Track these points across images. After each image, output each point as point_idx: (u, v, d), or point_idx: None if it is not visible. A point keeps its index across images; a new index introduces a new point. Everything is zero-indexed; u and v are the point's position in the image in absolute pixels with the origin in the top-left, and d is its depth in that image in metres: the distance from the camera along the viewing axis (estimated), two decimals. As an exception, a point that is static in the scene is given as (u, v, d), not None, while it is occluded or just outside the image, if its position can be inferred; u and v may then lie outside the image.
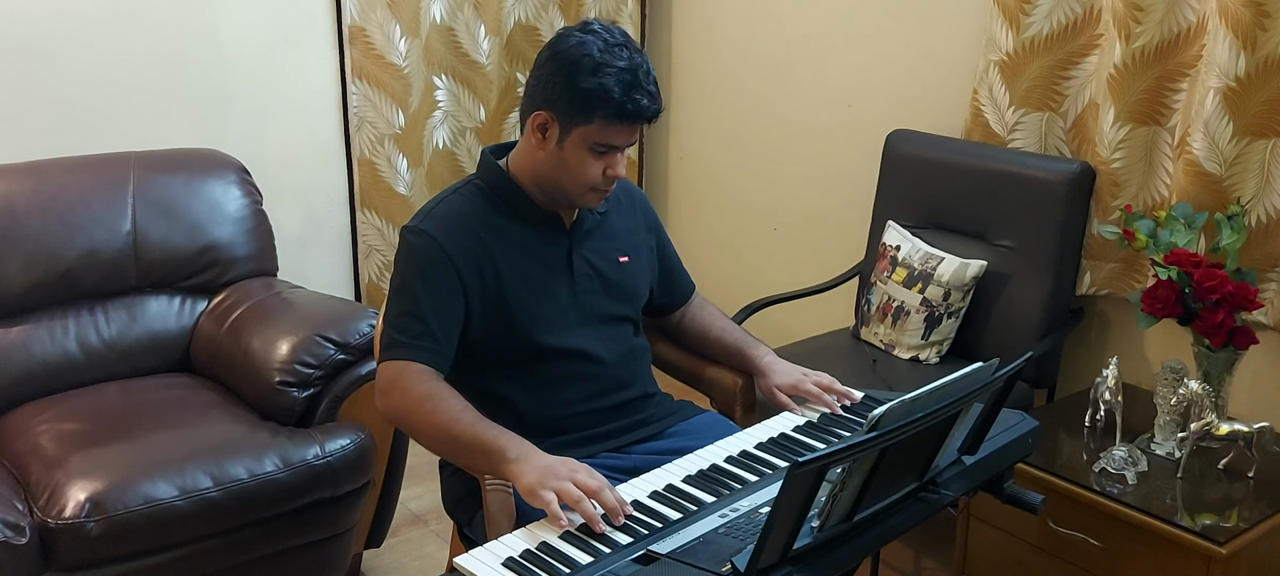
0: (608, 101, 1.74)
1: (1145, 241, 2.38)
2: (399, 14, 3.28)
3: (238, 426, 2.39)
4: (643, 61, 1.79)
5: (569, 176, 1.82)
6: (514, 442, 1.67)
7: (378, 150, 3.35)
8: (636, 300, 2.03)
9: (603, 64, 1.74)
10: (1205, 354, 2.30)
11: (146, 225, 2.70)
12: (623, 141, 1.80)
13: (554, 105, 1.78)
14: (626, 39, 1.80)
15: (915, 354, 2.76)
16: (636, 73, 1.76)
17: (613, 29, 1.80)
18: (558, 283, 1.89)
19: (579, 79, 1.75)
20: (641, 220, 2.07)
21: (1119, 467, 2.25)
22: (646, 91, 1.77)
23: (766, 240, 3.65)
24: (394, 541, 2.88)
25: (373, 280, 3.47)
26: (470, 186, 1.91)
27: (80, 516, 2.09)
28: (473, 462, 1.73)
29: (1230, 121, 2.37)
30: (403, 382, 1.76)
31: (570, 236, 1.92)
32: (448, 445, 1.74)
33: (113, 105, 2.96)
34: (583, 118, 1.77)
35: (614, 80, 1.74)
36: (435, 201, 1.89)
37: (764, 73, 3.53)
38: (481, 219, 1.86)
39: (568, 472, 1.58)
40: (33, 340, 2.55)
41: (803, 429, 1.88)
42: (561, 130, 1.79)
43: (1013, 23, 2.71)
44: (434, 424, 1.73)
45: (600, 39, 1.77)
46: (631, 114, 1.76)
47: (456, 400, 1.75)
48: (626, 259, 2.00)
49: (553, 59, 1.79)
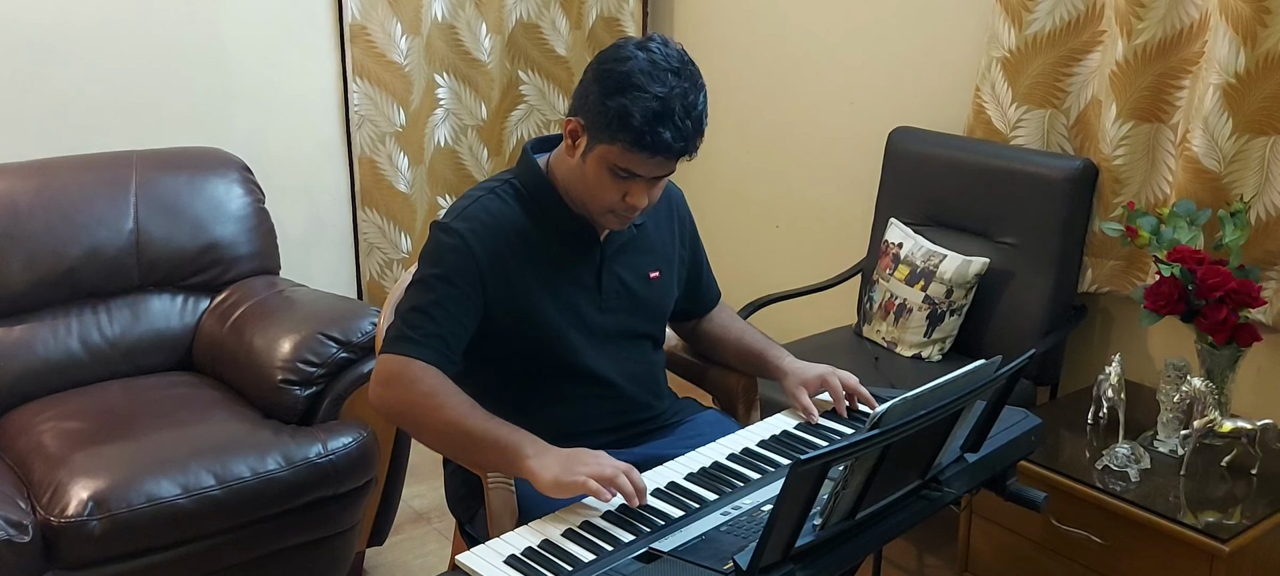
0: (627, 127, 1.65)
1: (1148, 238, 2.37)
2: (400, 12, 3.28)
3: (240, 425, 2.39)
4: (685, 94, 1.66)
5: (588, 193, 1.75)
6: (529, 439, 1.65)
7: (379, 148, 3.35)
8: (662, 317, 1.98)
9: (636, 85, 1.64)
10: (1208, 351, 2.30)
11: (149, 224, 2.70)
12: (645, 171, 1.69)
13: (585, 115, 1.71)
14: (682, 66, 1.68)
15: (917, 351, 2.76)
16: (671, 103, 1.64)
17: (672, 51, 1.69)
18: (585, 300, 1.84)
19: (608, 95, 1.66)
20: (678, 229, 1.99)
21: (1122, 465, 2.25)
22: (675, 125, 1.65)
23: (769, 237, 3.65)
24: (396, 539, 2.88)
25: (374, 278, 3.47)
26: (507, 186, 1.83)
27: (83, 515, 2.09)
28: (485, 459, 1.70)
29: (1229, 118, 2.36)
30: (406, 377, 1.71)
31: (603, 249, 1.85)
32: (457, 441, 1.70)
33: (115, 104, 2.97)
34: (606, 136, 1.68)
35: (640, 105, 1.64)
36: (470, 199, 1.81)
37: (766, 70, 3.53)
38: (514, 225, 1.79)
39: (592, 459, 1.59)
40: (36, 338, 2.56)
41: (805, 427, 1.87)
42: (588, 143, 1.71)
43: (1015, 20, 2.71)
44: (442, 419, 1.68)
45: (648, 59, 1.66)
46: (650, 145, 1.65)
47: (463, 397, 1.71)
48: (658, 274, 1.93)
49: (595, 66, 1.71)
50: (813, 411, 1.89)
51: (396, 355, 1.73)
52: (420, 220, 3.50)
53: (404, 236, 3.46)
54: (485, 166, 3.61)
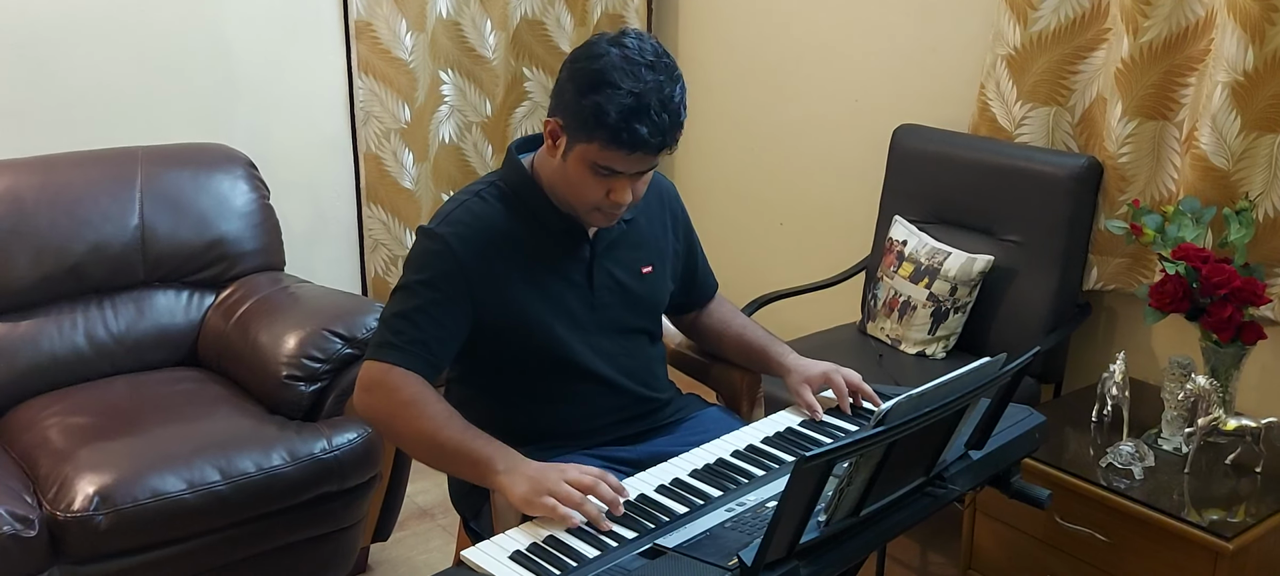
0: (603, 124, 1.63)
1: (1153, 236, 2.37)
2: (405, 9, 3.28)
3: (245, 420, 2.40)
4: (660, 87, 1.64)
5: (572, 192, 1.74)
6: (502, 453, 1.63)
7: (383, 145, 3.35)
8: (657, 311, 1.97)
9: (610, 82, 1.62)
10: (1213, 349, 2.30)
11: (154, 219, 2.70)
12: (625, 167, 1.68)
13: (563, 114, 1.70)
14: (657, 60, 1.66)
15: (922, 349, 2.76)
16: (646, 99, 1.62)
17: (647, 46, 1.67)
18: (576, 297, 1.83)
19: (583, 93, 1.64)
20: (670, 222, 1.98)
21: (1126, 463, 2.25)
22: (651, 120, 1.63)
23: (773, 235, 3.65)
24: (401, 535, 2.88)
25: (378, 274, 3.48)
26: (493, 188, 1.82)
27: (89, 509, 2.10)
28: (459, 472, 1.69)
29: (1238, 116, 2.36)
30: (387, 384, 1.70)
31: (593, 247, 1.84)
32: (432, 452, 1.69)
33: (120, 100, 2.97)
34: (584, 134, 1.66)
35: (615, 102, 1.62)
36: (456, 203, 1.80)
37: (771, 68, 3.52)
38: (501, 227, 1.77)
39: (558, 476, 1.56)
40: (41, 334, 2.56)
41: (809, 423, 1.87)
42: (567, 142, 1.70)
43: (1020, 17, 2.71)
44: (418, 430, 1.68)
45: (622, 55, 1.64)
46: (628, 142, 1.63)
47: (442, 407, 1.69)
48: (650, 268, 1.92)
49: (570, 64, 1.69)
50: (816, 408, 1.89)
51: (378, 362, 1.72)
52: (425, 217, 3.50)
53: (408, 233, 3.46)
54: (490, 163, 3.62)
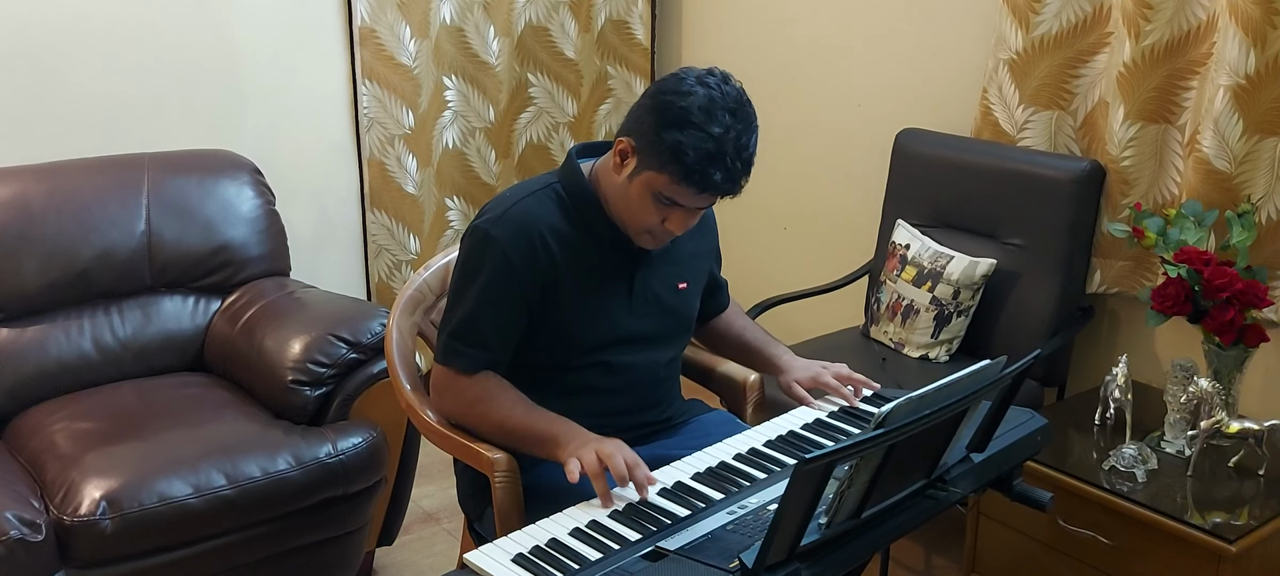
0: (680, 162, 1.68)
1: (1155, 239, 2.37)
2: (409, 15, 3.29)
3: (251, 425, 2.41)
4: (739, 135, 1.69)
5: (629, 212, 1.78)
6: (566, 429, 1.72)
7: (387, 150, 3.37)
8: (688, 326, 2.02)
9: (694, 123, 1.67)
10: (1215, 352, 2.30)
11: (161, 225, 2.72)
12: (688, 203, 1.74)
13: (638, 138, 1.74)
14: (738, 107, 1.71)
15: (925, 352, 2.76)
16: (725, 145, 1.68)
17: (731, 90, 1.72)
18: (615, 304, 1.87)
19: (665, 126, 1.69)
20: (707, 246, 2.04)
21: (1129, 465, 2.25)
22: (725, 167, 1.69)
23: (776, 239, 3.65)
24: (406, 539, 2.89)
25: (382, 279, 3.49)
26: (550, 191, 1.85)
27: (96, 514, 2.11)
28: (533, 452, 1.77)
29: (1240, 119, 2.36)
30: (456, 388, 1.82)
31: (637, 259, 1.88)
32: (507, 439, 1.79)
33: (127, 107, 2.99)
34: (656, 164, 1.71)
35: (695, 143, 1.67)
36: (512, 200, 1.83)
37: (774, 73, 3.53)
38: (553, 229, 1.81)
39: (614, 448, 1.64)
40: (48, 340, 2.58)
41: (811, 426, 1.88)
42: (637, 165, 1.74)
43: (1022, 21, 2.71)
44: (491, 422, 1.80)
45: (707, 96, 1.69)
46: (699, 183, 1.70)
47: (509, 394, 1.80)
48: (686, 285, 1.96)
49: (654, 94, 1.73)
50: (807, 398, 1.96)
51: (445, 368, 1.83)
52: (428, 222, 3.51)
53: (412, 238, 3.47)
54: (493, 168, 3.63)
